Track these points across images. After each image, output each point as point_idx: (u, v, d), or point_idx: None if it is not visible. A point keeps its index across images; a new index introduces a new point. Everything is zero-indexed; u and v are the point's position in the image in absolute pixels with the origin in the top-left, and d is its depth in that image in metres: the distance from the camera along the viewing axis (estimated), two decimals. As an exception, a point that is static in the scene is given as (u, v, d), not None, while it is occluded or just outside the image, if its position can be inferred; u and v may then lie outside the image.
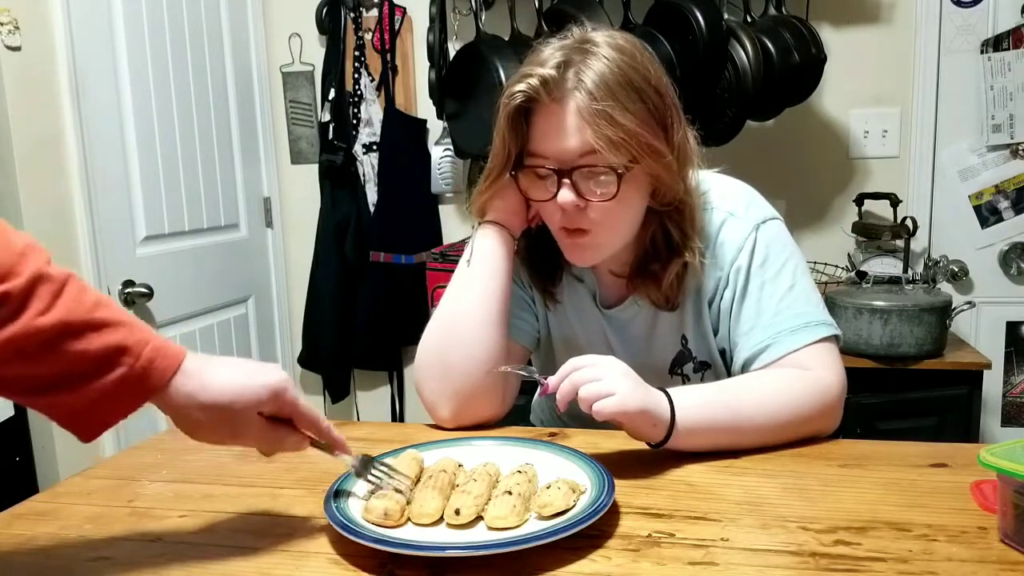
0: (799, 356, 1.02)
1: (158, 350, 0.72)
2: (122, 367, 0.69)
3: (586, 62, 0.95)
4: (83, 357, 0.68)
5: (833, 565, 0.70)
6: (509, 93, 0.98)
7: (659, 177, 0.99)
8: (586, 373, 0.90)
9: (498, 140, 1.02)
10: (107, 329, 0.69)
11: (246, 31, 2.59)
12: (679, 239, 1.04)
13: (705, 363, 1.14)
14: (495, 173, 1.05)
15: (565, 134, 0.96)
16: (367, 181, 2.65)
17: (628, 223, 1.03)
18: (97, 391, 0.69)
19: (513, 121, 0.99)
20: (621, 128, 0.93)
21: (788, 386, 0.99)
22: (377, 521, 0.76)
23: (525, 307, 1.19)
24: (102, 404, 0.70)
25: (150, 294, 2.08)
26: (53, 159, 1.86)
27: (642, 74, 0.96)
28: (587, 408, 0.89)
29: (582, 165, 0.96)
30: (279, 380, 0.78)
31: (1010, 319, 2.40)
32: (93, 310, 0.69)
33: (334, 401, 2.79)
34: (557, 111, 0.96)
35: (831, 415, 1.02)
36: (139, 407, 0.72)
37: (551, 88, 0.95)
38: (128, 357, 0.70)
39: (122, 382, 0.69)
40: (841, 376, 1.03)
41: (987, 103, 2.32)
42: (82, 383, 0.69)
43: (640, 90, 0.95)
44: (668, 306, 1.09)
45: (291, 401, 0.79)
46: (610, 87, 0.93)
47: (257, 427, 0.77)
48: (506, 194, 1.07)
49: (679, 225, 1.04)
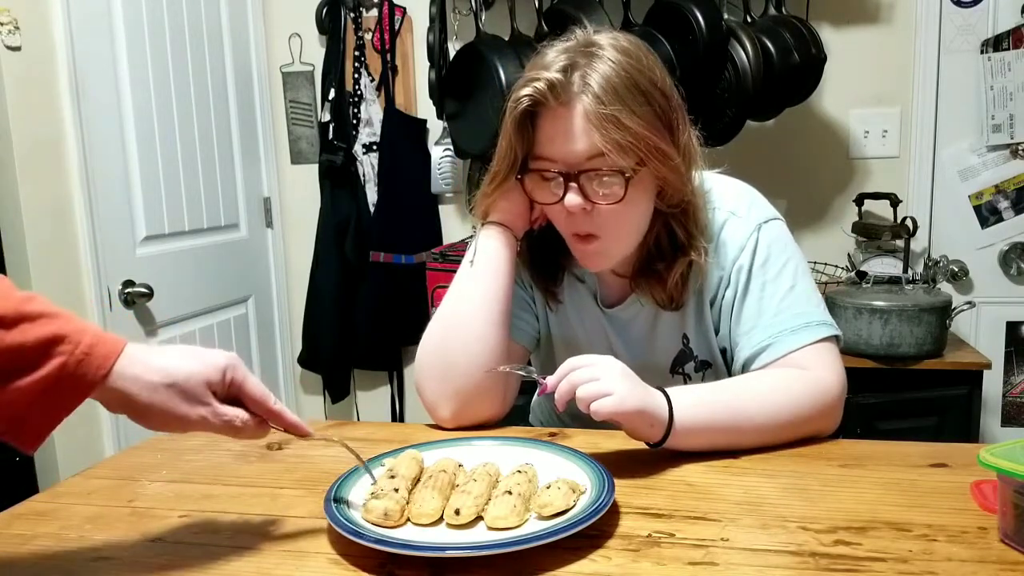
0: (799, 356, 1.02)
1: (97, 337, 0.69)
2: (60, 356, 0.66)
3: (592, 65, 0.95)
4: (19, 350, 0.65)
5: (833, 565, 0.70)
6: (516, 97, 0.98)
7: (666, 179, 0.99)
8: (584, 373, 0.90)
9: (504, 143, 1.02)
10: (43, 319, 0.67)
11: (246, 31, 2.59)
12: (684, 239, 1.04)
13: (706, 362, 1.14)
14: (501, 176, 1.04)
15: (572, 138, 0.96)
16: (367, 181, 2.65)
17: (636, 225, 1.03)
18: (36, 385, 0.66)
19: (519, 125, 0.99)
20: (629, 131, 0.93)
21: (788, 386, 0.99)
22: (377, 521, 0.76)
23: (525, 307, 1.19)
24: (43, 401, 0.67)
25: (150, 294, 2.08)
26: (53, 159, 1.86)
27: (648, 76, 0.96)
28: (585, 408, 0.89)
29: (589, 169, 0.96)
30: (227, 357, 0.77)
31: (1010, 319, 2.40)
32: (25, 304, 0.67)
33: (334, 401, 2.79)
34: (564, 115, 0.96)
35: (831, 415, 1.02)
36: (81, 401, 0.69)
37: (558, 92, 0.95)
38: (66, 345, 0.67)
39: (61, 371, 0.66)
40: (841, 376, 1.03)
41: (987, 103, 2.32)
42: (18, 377, 0.65)
43: (647, 93, 0.95)
44: (672, 306, 1.09)
45: (241, 377, 0.77)
46: (617, 90, 0.93)
47: (209, 407, 0.75)
48: (511, 196, 1.07)
49: (684, 225, 1.04)
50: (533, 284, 1.19)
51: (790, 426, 0.98)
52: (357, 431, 1.16)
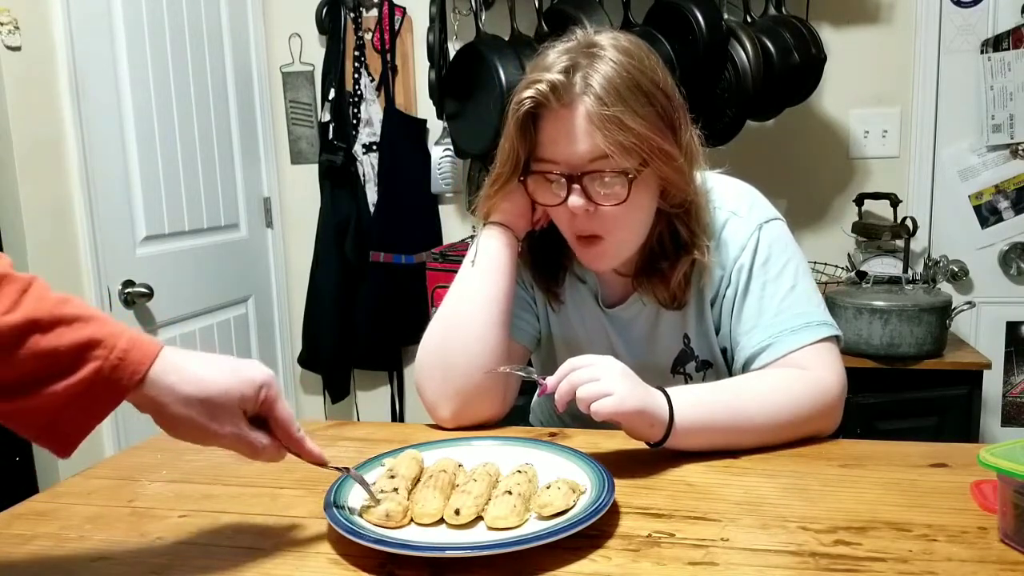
0: (799, 356, 1.02)
1: (133, 341, 0.68)
2: (95, 361, 0.65)
3: (593, 66, 0.95)
4: (54, 354, 0.64)
5: (833, 565, 0.70)
6: (518, 99, 0.98)
7: (669, 179, 0.99)
8: (584, 373, 0.90)
9: (506, 145, 1.02)
10: (78, 323, 0.66)
11: (246, 31, 2.59)
12: (687, 237, 1.05)
13: (707, 362, 1.14)
14: (504, 178, 1.04)
15: (575, 139, 0.96)
16: (367, 181, 2.65)
17: (640, 225, 1.04)
18: (70, 390, 0.65)
19: (522, 126, 0.98)
20: (632, 132, 0.93)
21: (788, 386, 0.99)
22: (379, 523, 0.76)
23: (526, 307, 1.19)
24: (77, 406, 0.66)
25: (150, 294, 2.08)
26: (53, 159, 1.86)
27: (650, 77, 0.96)
28: (585, 408, 0.89)
29: (592, 170, 0.96)
30: (265, 375, 0.76)
31: (1010, 319, 2.40)
32: (61, 306, 0.66)
33: (334, 401, 2.79)
34: (566, 116, 0.96)
35: (831, 415, 1.02)
36: (115, 406, 0.68)
37: (560, 93, 0.95)
38: (101, 349, 0.66)
39: (96, 375, 0.65)
40: (841, 376, 1.03)
41: (987, 103, 2.32)
42: (53, 382, 0.64)
43: (649, 93, 0.95)
44: (674, 305, 1.09)
45: (273, 397, 0.76)
46: (619, 91, 0.93)
47: (238, 426, 0.74)
48: (512, 197, 1.07)
49: (687, 224, 1.04)
50: (534, 284, 1.19)
51: (790, 426, 0.98)
52: (357, 431, 1.15)
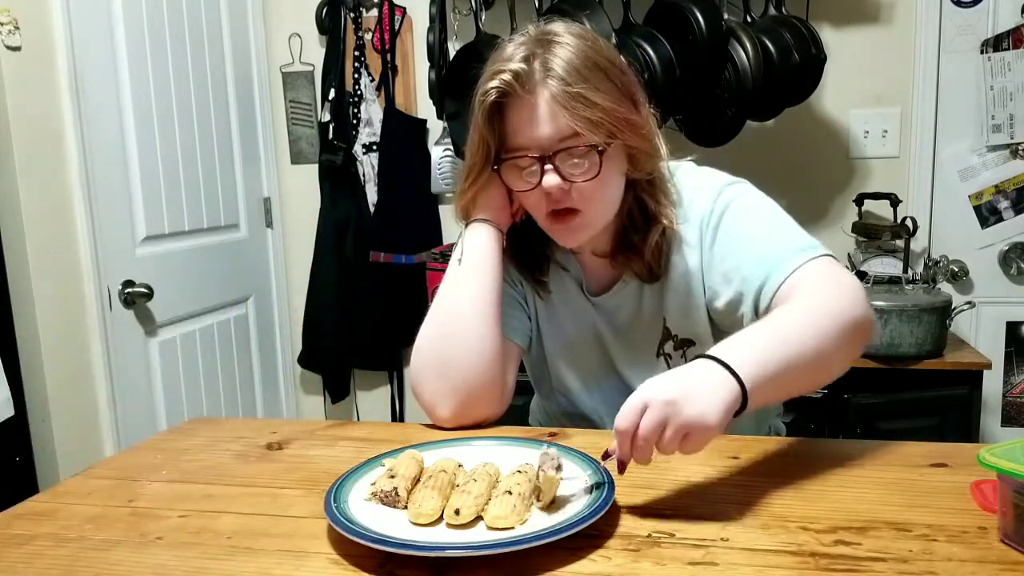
0: (804, 273, 0.97)
1: None
2: None
3: (551, 51, 0.98)
4: None
5: (833, 565, 0.70)
6: (483, 91, 1.00)
7: (637, 147, 1.02)
8: (645, 424, 0.79)
9: (476, 137, 1.05)
10: None
11: (246, 31, 2.59)
12: (654, 208, 1.07)
13: (688, 340, 1.14)
14: (476, 171, 1.07)
15: (542, 122, 0.98)
16: (367, 181, 2.65)
17: (612, 197, 1.06)
18: None
19: (489, 117, 1.01)
20: (597, 108, 0.96)
21: (818, 298, 0.93)
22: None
23: (517, 305, 1.20)
24: None
25: (150, 294, 2.08)
26: (53, 159, 1.86)
27: (605, 55, 1.01)
28: (685, 453, 0.81)
29: (562, 148, 0.98)
30: None
31: (1010, 319, 2.40)
32: None
33: (334, 401, 2.79)
34: (531, 102, 0.98)
35: (866, 307, 0.94)
36: None
37: (523, 80, 0.98)
38: None
39: None
40: (853, 276, 0.98)
41: (987, 103, 2.32)
42: None
43: (606, 70, 0.99)
44: (651, 277, 1.10)
45: None
46: (579, 71, 0.97)
47: None
48: (490, 191, 1.10)
49: (652, 195, 1.07)
50: (522, 279, 1.20)
51: (843, 332, 0.90)
52: (357, 431, 1.15)
